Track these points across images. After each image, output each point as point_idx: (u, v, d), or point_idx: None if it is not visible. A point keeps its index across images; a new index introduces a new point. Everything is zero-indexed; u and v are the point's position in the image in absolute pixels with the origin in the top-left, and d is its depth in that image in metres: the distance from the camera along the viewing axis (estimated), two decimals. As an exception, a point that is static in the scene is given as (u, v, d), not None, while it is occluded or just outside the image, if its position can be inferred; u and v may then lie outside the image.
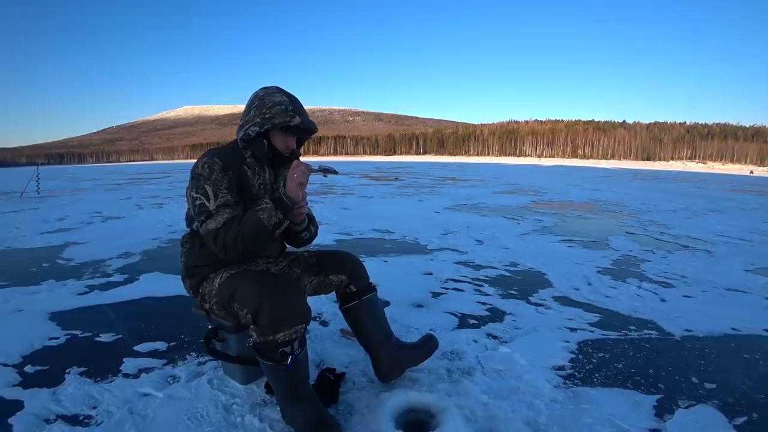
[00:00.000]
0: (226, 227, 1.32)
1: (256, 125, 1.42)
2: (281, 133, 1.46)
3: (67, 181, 19.33)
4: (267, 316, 1.26)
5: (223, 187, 1.36)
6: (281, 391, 1.38)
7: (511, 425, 1.42)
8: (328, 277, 1.62)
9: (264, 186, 1.50)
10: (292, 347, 1.29)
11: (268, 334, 1.27)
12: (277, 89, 1.47)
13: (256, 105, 1.44)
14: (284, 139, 1.48)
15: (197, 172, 1.38)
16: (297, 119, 1.43)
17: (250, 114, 1.45)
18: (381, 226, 5.29)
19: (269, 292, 1.29)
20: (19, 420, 1.46)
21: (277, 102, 1.43)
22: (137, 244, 4.38)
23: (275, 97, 1.44)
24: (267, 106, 1.43)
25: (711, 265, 3.60)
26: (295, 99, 1.47)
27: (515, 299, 2.71)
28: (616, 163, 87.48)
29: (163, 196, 10.21)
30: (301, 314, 1.30)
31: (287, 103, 1.44)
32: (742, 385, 1.70)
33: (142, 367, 1.83)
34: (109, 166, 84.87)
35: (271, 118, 1.42)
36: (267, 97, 1.44)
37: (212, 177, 1.36)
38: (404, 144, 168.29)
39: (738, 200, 9.93)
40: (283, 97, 1.44)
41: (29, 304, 2.62)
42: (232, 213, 1.34)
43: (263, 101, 1.44)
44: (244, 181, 1.44)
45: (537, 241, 4.56)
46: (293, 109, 1.44)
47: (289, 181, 1.34)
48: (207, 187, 1.35)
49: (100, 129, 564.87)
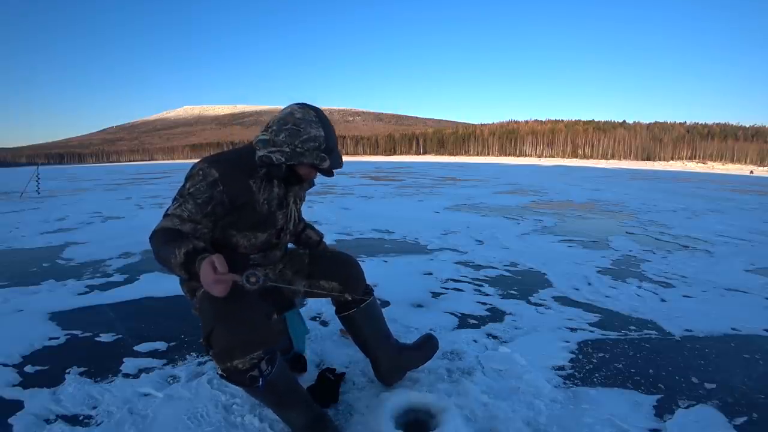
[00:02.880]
0: (156, 236, 1.25)
1: (284, 155, 1.30)
2: (308, 167, 1.36)
3: (67, 181, 19.33)
4: (216, 342, 1.19)
5: (196, 201, 1.27)
6: (268, 406, 1.38)
7: (511, 425, 1.42)
8: (318, 281, 1.54)
9: (270, 201, 1.41)
10: (259, 370, 1.22)
11: (225, 361, 1.19)
12: (316, 116, 1.33)
13: (288, 129, 1.30)
14: (308, 172, 1.38)
15: (190, 173, 1.33)
16: (326, 163, 1.32)
17: (280, 137, 1.31)
18: (381, 226, 5.28)
19: (222, 316, 1.19)
20: (19, 420, 1.46)
21: (312, 137, 1.30)
22: (137, 244, 4.38)
23: (311, 130, 1.30)
24: (301, 138, 1.30)
25: (711, 265, 3.60)
26: (330, 134, 1.34)
27: (515, 299, 2.71)
28: (616, 163, 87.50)
29: (163, 196, 10.20)
30: (255, 341, 1.20)
31: (322, 140, 1.31)
32: (742, 385, 1.70)
33: (142, 367, 1.83)
34: (109, 166, 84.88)
35: (302, 154, 1.30)
36: (303, 127, 1.30)
37: (196, 186, 1.28)
38: (404, 144, 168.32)
39: (738, 200, 9.93)
40: (319, 132, 1.31)
41: (29, 304, 2.62)
42: (176, 225, 1.25)
43: (298, 130, 1.30)
44: (242, 198, 1.34)
45: (537, 241, 4.56)
46: (326, 149, 1.32)
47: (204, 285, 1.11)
48: (184, 192, 1.29)
49: (100, 129, 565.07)
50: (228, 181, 1.30)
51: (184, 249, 1.16)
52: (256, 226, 1.40)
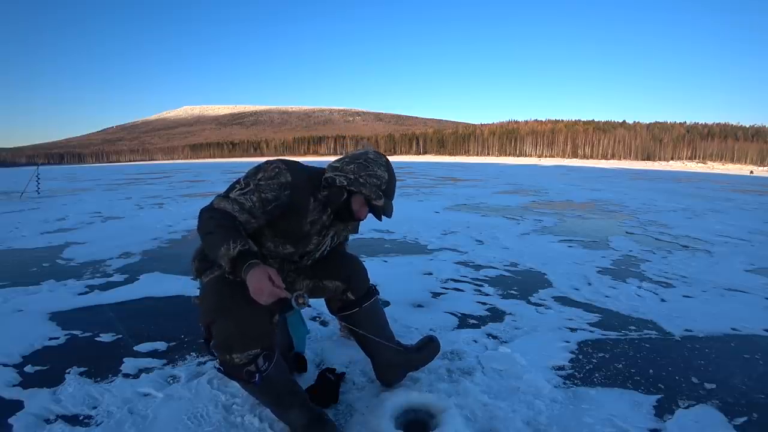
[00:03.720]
0: (212, 213, 1.28)
1: (346, 180, 1.40)
2: (362, 201, 1.43)
3: (67, 181, 19.34)
4: (217, 335, 1.23)
5: (261, 195, 1.31)
6: (265, 404, 1.40)
7: (511, 425, 1.42)
8: (322, 281, 1.56)
9: (314, 224, 1.46)
10: (256, 365, 1.25)
11: (224, 354, 1.23)
12: (386, 163, 1.46)
13: (359, 162, 1.42)
14: (361, 207, 1.45)
15: (263, 167, 1.37)
16: (380, 201, 1.41)
17: (349, 166, 1.42)
18: (381, 226, 5.27)
19: (223, 310, 1.23)
20: (19, 420, 1.46)
21: (377, 175, 1.41)
22: (137, 244, 4.38)
23: (378, 170, 1.42)
24: (367, 171, 1.41)
25: (711, 265, 3.60)
26: (393, 181, 1.46)
27: (515, 299, 2.71)
28: (616, 163, 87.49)
29: (163, 196, 10.21)
30: (253, 337, 1.24)
31: (384, 181, 1.42)
32: (742, 385, 1.70)
33: (142, 367, 1.83)
34: (109, 166, 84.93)
35: (362, 185, 1.39)
36: (372, 164, 1.42)
37: (266, 180, 1.33)
38: (404, 144, 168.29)
39: (738, 200, 9.92)
40: (384, 174, 1.42)
41: (29, 304, 2.62)
42: (235, 211, 1.29)
43: (367, 165, 1.42)
44: (299, 208, 1.39)
45: (537, 241, 4.56)
46: (385, 191, 1.42)
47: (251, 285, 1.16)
48: (252, 182, 1.33)
49: (100, 129, 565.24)
50: (296, 189, 1.36)
51: (240, 246, 1.19)
52: (290, 238, 1.43)
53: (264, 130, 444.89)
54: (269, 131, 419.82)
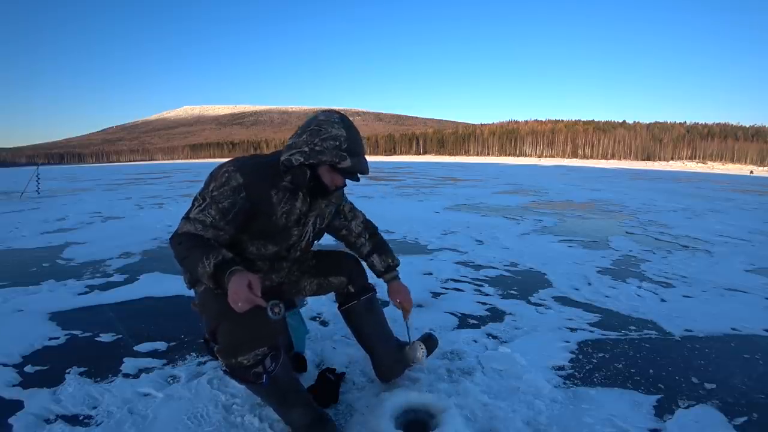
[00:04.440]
0: (179, 239, 1.26)
1: (303, 154, 1.28)
2: (329, 169, 1.31)
3: (67, 181, 19.33)
4: (222, 339, 1.22)
5: (219, 206, 1.26)
6: (270, 404, 1.39)
7: (511, 425, 1.42)
8: (327, 278, 1.60)
9: (289, 215, 1.38)
10: (263, 366, 1.24)
11: (230, 357, 1.22)
12: (339, 119, 1.32)
13: (310, 130, 1.29)
14: (331, 176, 1.33)
15: (214, 175, 1.30)
16: (347, 162, 1.27)
17: (301, 137, 1.30)
18: (381, 226, 5.23)
19: (226, 313, 1.19)
20: (19, 420, 1.46)
21: (332, 136, 1.27)
22: (137, 244, 4.38)
23: (332, 129, 1.28)
24: (320, 136, 1.27)
25: (711, 265, 3.60)
26: (353, 136, 1.31)
27: (515, 299, 2.71)
28: (616, 163, 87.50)
29: (163, 196, 10.21)
30: (259, 337, 1.23)
31: (342, 140, 1.28)
32: (742, 385, 1.70)
33: (142, 367, 1.83)
34: (109, 166, 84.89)
35: (320, 152, 1.27)
36: (324, 126, 1.29)
37: (219, 189, 1.27)
38: (404, 144, 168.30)
39: (738, 200, 9.92)
40: (340, 131, 1.28)
41: (29, 304, 2.62)
42: (198, 231, 1.26)
43: (319, 129, 1.28)
44: (262, 207, 1.32)
45: (537, 241, 4.56)
46: (347, 149, 1.28)
47: (230, 293, 1.13)
48: (207, 195, 1.28)
49: (100, 129, 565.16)
50: (251, 188, 1.29)
51: (213, 260, 1.18)
52: (267, 237, 1.39)
53: (264, 130, 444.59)
54: (269, 131, 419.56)
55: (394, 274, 1.66)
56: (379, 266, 1.65)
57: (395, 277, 1.65)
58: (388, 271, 1.65)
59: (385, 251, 1.67)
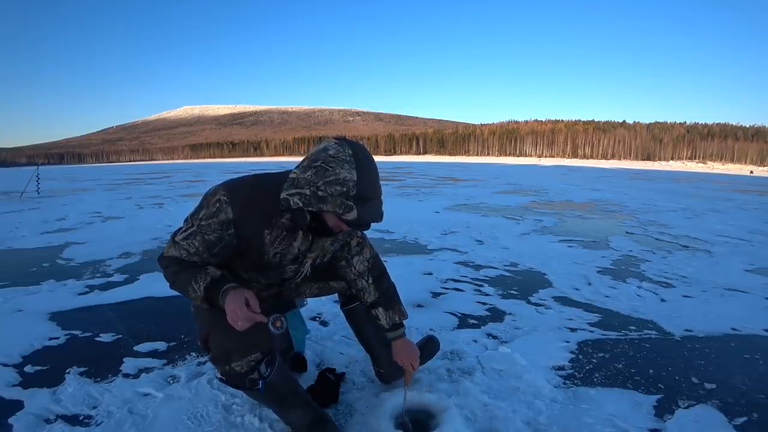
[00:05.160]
0: (166, 262, 1.23)
1: (302, 198, 1.11)
2: (335, 216, 1.14)
3: (66, 181, 19.33)
4: (214, 347, 1.20)
5: (203, 236, 1.17)
6: (269, 406, 1.39)
7: (511, 425, 1.42)
8: (328, 283, 1.57)
9: (284, 256, 1.27)
10: (258, 372, 1.21)
11: (224, 365, 1.19)
12: (351, 156, 1.10)
13: (316, 167, 1.10)
14: (337, 222, 1.16)
15: (207, 201, 1.19)
16: (352, 214, 1.09)
17: (306, 174, 1.12)
18: (381, 226, 5.26)
19: (217, 320, 1.16)
20: (19, 420, 1.46)
21: (340, 180, 1.08)
22: (137, 244, 4.38)
23: (341, 171, 1.08)
24: (326, 178, 1.08)
25: (711, 265, 3.60)
26: (365, 178, 1.11)
27: (515, 299, 2.71)
28: (616, 163, 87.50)
29: (163, 196, 10.21)
30: (252, 344, 1.19)
31: (351, 185, 1.08)
32: (742, 385, 1.70)
33: (142, 367, 1.83)
34: (109, 166, 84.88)
35: (323, 200, 1.09)
36: (331, 165, 1.09)
37: (208, 220, 1.16)
38: (404, 144, 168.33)
39: (738, 200, 9.92)
40: (349, 174, 1.08)
41: (29, 304, 2.62)
42: (183, 257, 1.21)
43: (325, 169, 1.09)
44: (252, 245, 1.21)
45: (537, 241, 4.56)
46: (355, 197, 1.09)
47: (227, 311, 1.10)
48: (195, 222, 1.18)
49: (100, 129, 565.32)
50: (241, 225, 1.17)
51: (203, 283, 1.15)
52: (259, 270, 1.32)
53: (264, 130, 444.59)
54: (269, 131, 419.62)
55: (400, 332, 1.49)
56: (385, 323, 1.49)
57: (401, 335, 1.49)
58: (393, 329, 1.49)
59: (392, 304, 1.51)
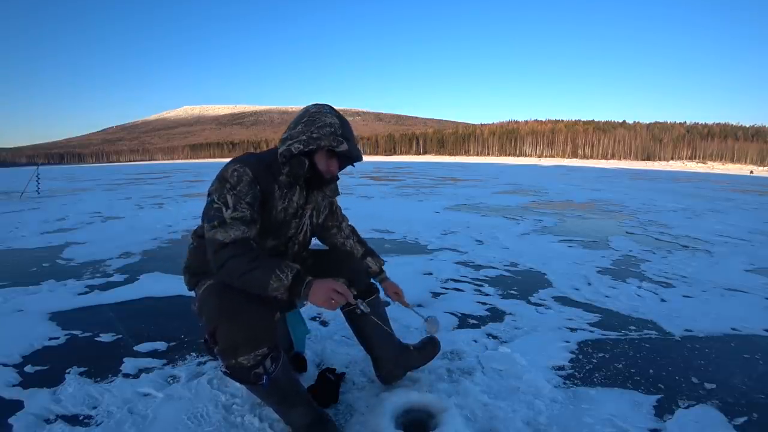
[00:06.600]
0: (234, 250, 1.21)
1: (301, 143, 1.35)
2: (325, 155, 1.39)
3: (66, 181, 19.34)
4: (222, 339, 1.22)
5: (246, 201, 1.27)
6: (270, 405, 1.39)
7: (511, 425, 1.42)
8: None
9: (287, 211, 1.42)
10: (263, 367, 1.24)
11: (230, 358, 1.22)
12: (330, 110, 1.41)
13: (304, 121, 1.37)
14: (327, 162, 1.40)
15: (224, 177, 1.29)
16: (344, 146, 1.36)
17: (297, 128, 1.37)
18: (381, 226, 5.28)
19: (226, 313, 1.21)
20: (19, 420, 1.46)
21: (327, 123, 1.35)
22: (137, 244, 4.38)
23: (326, 118, 1.36)
24: (316, 125, 1.35)
25: (711, 265, 3.60)
26: (345, 123, 1.40)
27: (515, 299, 2.71)
28: (616, 163, 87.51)
29: (163, 196, 10.21)
30: (259, 338, 1.23)
31: (337, 126, 1.36)
32: (742, 385, 1.70)
33: (142, 367, 1.82)
34: (109, 166, 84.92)
35: (318, 138, 1.34)
36: (318, 116, 1.37)
37: (237, 187, 1.28)
38: (404, 144, 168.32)
39: (738, 200, 9.93)
40: (333, 119, 1.37)
41: (29, 304, 2.62)
42: (245, 233, 1.24)
43: (313, 119, 1.36)
44: (268, 201, 1.36)
45: (537, 241, 4.56)
46: (342, 134, 1.36)
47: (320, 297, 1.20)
48: (229, 196, 1.27)
49: (100, 129, 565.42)
50: (261, 181, 1.33)
51: (290, 272, 1.19)
52: (267, 232, 1.39)
53: (264, 130, 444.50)
54: (269, 131, 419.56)
55: (385, 274, 1.77)
56: (375, 267, 1.74)
57: (386, 277, 1.76)
58: (382, 271, 1.75)
59: (375, 254, 1.77)
